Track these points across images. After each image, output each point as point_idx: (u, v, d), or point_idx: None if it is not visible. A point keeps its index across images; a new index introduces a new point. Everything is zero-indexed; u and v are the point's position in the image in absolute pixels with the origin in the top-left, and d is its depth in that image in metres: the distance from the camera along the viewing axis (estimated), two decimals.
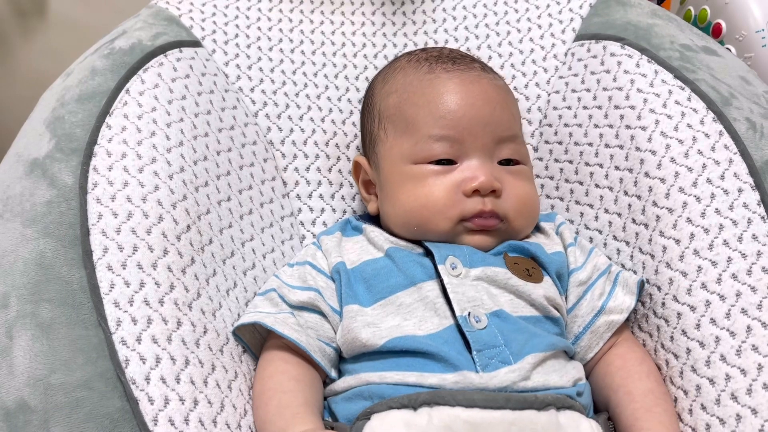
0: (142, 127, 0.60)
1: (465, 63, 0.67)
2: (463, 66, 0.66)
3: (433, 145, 0.62)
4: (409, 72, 0.67)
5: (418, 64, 0.68)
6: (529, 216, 0.64)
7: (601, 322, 0.61)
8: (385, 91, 0.68)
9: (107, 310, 0.49)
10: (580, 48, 0.78)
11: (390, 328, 0.56)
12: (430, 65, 0.67)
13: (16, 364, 0.47)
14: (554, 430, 0.49)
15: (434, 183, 0.61)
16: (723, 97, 0.64)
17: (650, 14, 0.76)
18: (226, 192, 0.66)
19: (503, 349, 0.54)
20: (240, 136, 0.72)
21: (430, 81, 0.65)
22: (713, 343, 0.54)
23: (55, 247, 0.52)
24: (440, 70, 0.66)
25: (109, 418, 0.45)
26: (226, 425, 0.50)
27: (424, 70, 0.66)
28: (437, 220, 0.61)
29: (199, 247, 0.58)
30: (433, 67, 0.66)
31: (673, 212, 0.61)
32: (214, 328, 0.55)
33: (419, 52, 0.71)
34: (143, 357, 0.48)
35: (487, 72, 0.68)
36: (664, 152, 0.63)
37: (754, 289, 0.54)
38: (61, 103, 0.62)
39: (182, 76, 0.68)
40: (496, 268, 0.59)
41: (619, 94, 0.70)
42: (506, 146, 0.64)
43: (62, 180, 0.55)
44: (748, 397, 0.51)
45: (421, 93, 0.64)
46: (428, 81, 0.65)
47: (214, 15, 0.78)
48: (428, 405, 0.50)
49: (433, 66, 0.66)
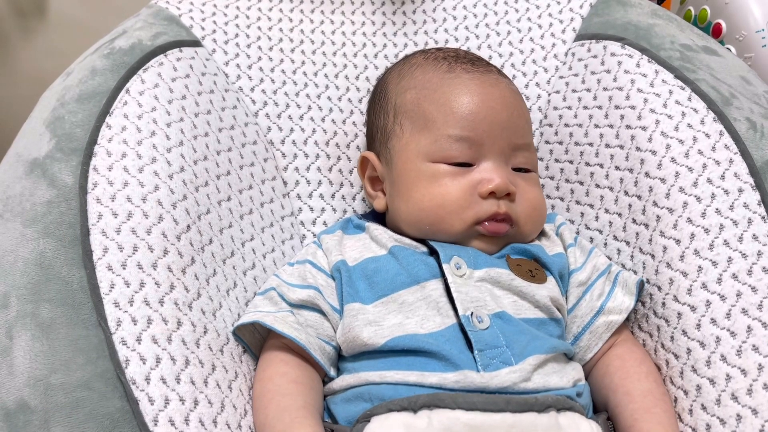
0: (142, 127, 0.60)
1: (483, 66, 0.68)
2: (483, 68, 0.67)
3: (452, 144, 0.62)
4: (428, 69, 0.67)
5: (437, 62, 0.68)
6: (537, 222, 0.65)
7: (600, 323, 0.61)
8: (402, 86, 0.68)
9: (107, 310, 0.49)
10: (581, 48, 0.78)
11: (392, 326, 0.56)
12: (450, 64, 0.67)
13: (16, 364, 0.47)
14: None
15: (450, 183, 0.61)
16: (723, 97, 0.64)
17: (650, 14, 0.76)
18: (226, 192, 0.66)
19: (505, 350, 0.54)
20: (240, 136, 0.72)
21: (450, 80, 0.65)
22: (714, 343, 0.54)
23: (55, 247, 0.51)
24: (460, 71, 0.66)
25: (109, 419, 0.45)
26: (226, 425, 0.50)
27: (444, 68, 0.66)
28: (452, 221, 0.61)
29: (199, 247, 0.58)
30: (453, 67, 0.66)
31: (673, 212, 0.61)
32: (214, 328, 0.55)
33: (435, 50, 0.71)
34: (143, 357, 0.48)
35: (504, 77, 0.68)
36: (665, 152, 0.63)
37: (754, 289, 0.54)
38: (61, 103, 0.62)
39: (182, 75, 0.68)
40: (499, 270, 0.59)
41: (619, 94, 0.70)
42: (521, 154, 0.64)
43: (62, 180, 0.55)
44: (749, 397, 0.51)
45: (442, 91, 0.64)
46: (449, 80, 0.65)
47: (214, 15, 0.78)
48: (428, 408, 0.50)
49: (452, 65, 0.66)
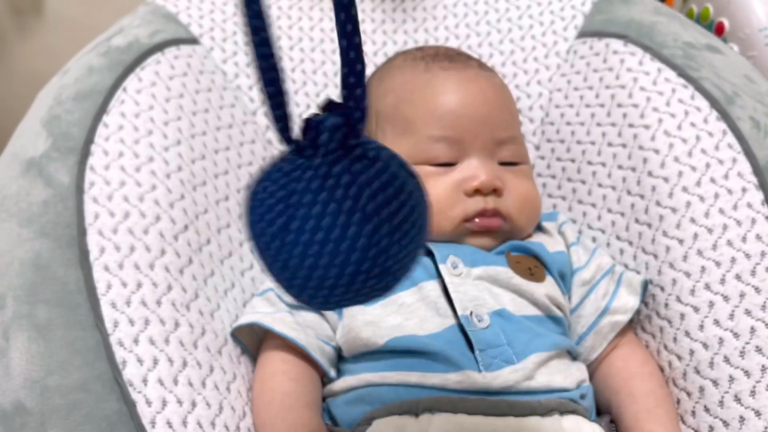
0: (139, 126, 0.60)
1: (462, 61, 0.66)
2: (460, 64, 0.66)
3: (433, 146, 0.61)
4: (406, 71, 0.66)
5: (415, 62, 0.67)
6: (531, 214, 0.64)
7: (605, 323, 0.60)
8: (382, 90, 0.67)
9: (104, 311, 0.49)
10: (583, 45, 0.77)
11: (391, 327, 0.56)
12: (427, 64, 0.66)
13: (12, 366, 0.46)
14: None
15: (435, 184, 0.60)
16: (726, 95, 0.64)
17: (653, 12, 0.75)
18: (224, 191, 0.65)
19: (506, 349, 0.53)
20: (238, 135, 0.71)
21: (427, 80, 0.64)
22: (717, 344, 0.53)
23: (51, 248, 0.51)
24: (437, 69, 0.65)
25: (106, 421, 0.44)
26: (224, 427, 0.50)
27: (421, 68, 0.66)
28: (439, 221, 0.60)
29: (196, 247, 0.58)
30: (430, 66, 0.65)
31: (676, 212, 0.60)
32: (212, 330, 0.55)
33: (415, 50, 0.70)
34: (141, 358, 0.47)
35: (485, 70, 0.67)
36: (668, 151, 0.63)
37: (758, 289, 0.53)
38: (58, 101, 0.61)
39: (180, 74, 0.68)
40: (498, 267, 0.59)
41: (621, 92, 0.69)
42: (506, 147, 0.63)
43: (59, 179, 0.55)
44: (752, 399, 0.50)
45: (419, 92, 0.64)
46: (425, 80, 0.64)
47: (212, 12, 0.78)
48: (430, 411, 0.49)
49: (429, 65, 0.66)
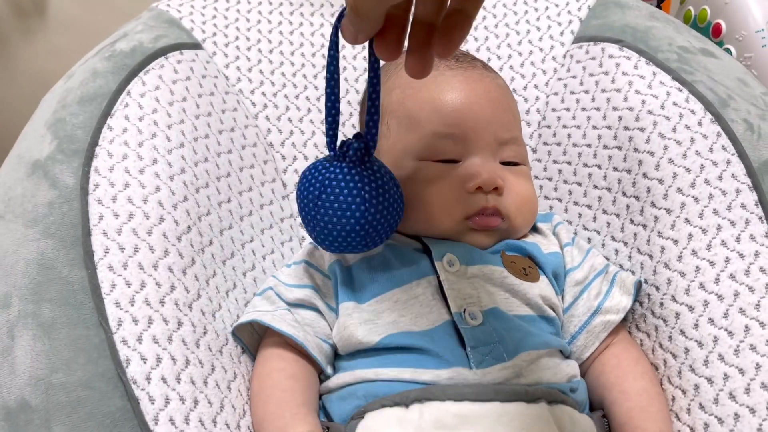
0: (143, 129, 0.61)
1: (467, 61, 0.67)
2: (466, 64, 0.67)
3: (438, 142, 0.62)
4: None
5: None
6: (528, 214, 0.65)
7: (597, 322, 0.61)
8: (388, 86, 0.68)
9: (108, 310, 0.49)
10: (579, 50, 0.78)
11: (386, 324, 0.57)
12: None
13: (17, 364, 0.47)
14: (545, 422, 0.49)
15: (438, 180, 0.61)
16: (721, 98, 0.65)
17: (648, 16, 0.76)
18: (226, 193, 0.66)
19: (497, 346, 0.54)
20: (240, 138, 0.72)
21: (434, 78, 0.65)
22: (711, 342, 0.54)
23: (56, 248, 0.52)
24: (444, 68, 0.66)
25: (110, 418, 0.45)
26: (225, 425, 0.50)
27: None
28: (441, 217, 0.61)
29: (199, 248, 0.58)
30: (437, 64, 0.66)
31: (671, 213, 0.61)
32: (214, 329, 0.56)
33: None
34: (144, 357, 0.48)
35: (489, 71, 0.68)
36: (663, 153, 0.63)
37: (752, 288, 0.54)
38: (63, 105, 0.62)
39: (183, 78, 0.68)
40: (492, 266, 0.60)
41: (617, 96, 0.70)
42: (508, 147, 0.64)
43: (63, 181, 0.56)
44: (746, 396, 0.51)
45: (426, 89, 0.64)
46: (432, 78, 0.65)
47: (215, 18, 0.79)
48: (419, 401, 0.50)
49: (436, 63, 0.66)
